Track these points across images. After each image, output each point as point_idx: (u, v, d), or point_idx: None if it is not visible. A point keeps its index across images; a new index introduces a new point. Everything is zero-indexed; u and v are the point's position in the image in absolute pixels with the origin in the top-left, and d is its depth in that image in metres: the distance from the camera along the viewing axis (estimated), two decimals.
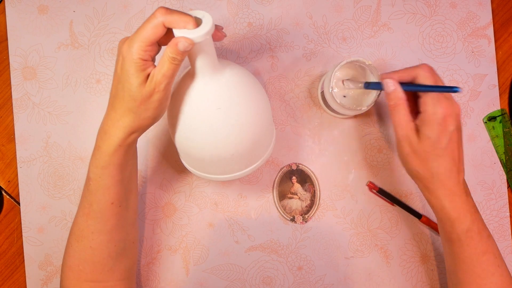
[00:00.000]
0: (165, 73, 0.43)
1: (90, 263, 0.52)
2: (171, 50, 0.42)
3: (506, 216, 0.65)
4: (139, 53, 0.42)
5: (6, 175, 0.65)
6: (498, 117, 0.65)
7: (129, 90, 0.44)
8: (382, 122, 0.65)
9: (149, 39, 0.42)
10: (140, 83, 0.43)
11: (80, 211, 0.52)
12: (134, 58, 0.42)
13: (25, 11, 0.65)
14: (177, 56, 0.42)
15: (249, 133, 0.50)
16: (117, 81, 0.45)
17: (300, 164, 0.64)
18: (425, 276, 0.64)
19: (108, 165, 0.48)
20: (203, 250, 0.64)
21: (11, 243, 0.64)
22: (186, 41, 0.41)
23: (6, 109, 0.65)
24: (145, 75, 0.43)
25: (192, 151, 0.51)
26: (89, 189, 0.50)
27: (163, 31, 0.42)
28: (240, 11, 0.66)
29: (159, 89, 0.44)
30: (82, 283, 0.52)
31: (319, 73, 0.65)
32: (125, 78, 0.44)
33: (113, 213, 0.51)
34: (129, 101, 0.45)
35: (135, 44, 0.42)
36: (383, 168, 0.65)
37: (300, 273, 0.64)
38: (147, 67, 0.43)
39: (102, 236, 0.51)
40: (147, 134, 0.65)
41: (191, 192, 0.64)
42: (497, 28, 0.67)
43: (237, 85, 0.49)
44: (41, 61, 0.65)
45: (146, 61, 0.43)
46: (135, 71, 0.43)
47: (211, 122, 0.47)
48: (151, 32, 0.42)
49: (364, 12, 0.66)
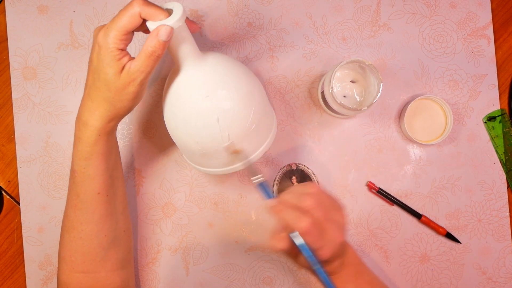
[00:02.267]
0: (142, 69, 0.44)
1: (81, 253, 0.52)
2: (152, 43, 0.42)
3: (506, 216, 0.65)
4: (115, 42, 0.42)
5: (6, 175, 0.65)
6: (498, 117, 0.65)
7: (104, 79, 0.44)
8: (382, 122, 0.65)
9: (125, 28, 0.42)
10: (115, 73, 0.44)
11: (68, 203, 0.52)
12: (110, 47, 0.43)
13: (25, 11, 0.65)
14: (157, 50, 0.43)
15: (243, 118, 0.48)
16: (93, 70, 0.45)
17: (300, 164, 0.64)
18: (425, 276, 0.64)
19: (91, 155, 0.48)
20: (203, 250, 0.64)
21: (11, 243, 0.64)
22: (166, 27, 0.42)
23: (6, 109, 0.65)
24: (121, 65, 0.44)
25: (189, 144, 0.50)
26: (75, 181, 0.50)
27: (139, 21, 0.43)
28: (240, 11, 0.66)
29: (135, 82, 0.44)
30: (74, 274, 0.52)
31: (319, 73, 0.65)
32: (101, 67, 0.44)
33: (101, 203, 0.51)
34: (104, 91, 0.45)
35: (111, 33, 0.42)
36: (383, 168, 0.65)
37: (300, 273, 0.64)
38: (122, 57, 0.44)
39: (91, 226, 0.51)
40: (147, 134, 0.65)
41: (191, 192, 0.64)
42: (497, 28, 0.67)
43: (223, 71, 0.49)
44: (41, 61, 0.65)
45: (121, 50, 0.43)
46: (111, 60, 0.43)
47: (201, 111, 0.47)
48: (127, 22, 0.42)
49: (364, 12, 0.66)
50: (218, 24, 0.65)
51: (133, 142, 0.65)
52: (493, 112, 0.65)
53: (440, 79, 0.65)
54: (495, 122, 0.65)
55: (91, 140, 0.47)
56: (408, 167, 0.65)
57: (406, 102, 0.65)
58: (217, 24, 0.65)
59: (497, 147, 0.65)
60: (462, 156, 0.65)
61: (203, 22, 0.66)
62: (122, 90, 0.45)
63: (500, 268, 0.65)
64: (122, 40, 0.43)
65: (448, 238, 0.64)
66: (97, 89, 0.45)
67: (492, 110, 0.65)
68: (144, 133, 0.65)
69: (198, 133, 0.48)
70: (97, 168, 0.49)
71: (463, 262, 0.64)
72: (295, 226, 0.42)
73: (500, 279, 0.64)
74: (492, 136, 0.65)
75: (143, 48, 0.43)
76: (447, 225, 0.64)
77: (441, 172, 0.65)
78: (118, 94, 0.45)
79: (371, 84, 0.59)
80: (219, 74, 0.48)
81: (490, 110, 0.66)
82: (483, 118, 0.65)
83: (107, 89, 0.45)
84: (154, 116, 0.65)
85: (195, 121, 0.48)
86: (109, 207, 0.52)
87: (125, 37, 0.43)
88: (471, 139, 0.65)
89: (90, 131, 0.47)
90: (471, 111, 0.66)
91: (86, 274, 0.52)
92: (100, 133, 0.47)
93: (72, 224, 0.51)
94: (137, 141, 0.65)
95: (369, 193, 0.65)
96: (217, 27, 0.65)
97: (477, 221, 0.65)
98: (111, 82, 0.44)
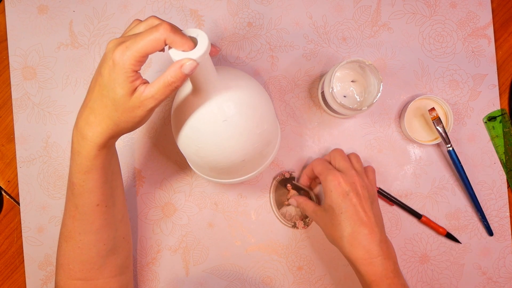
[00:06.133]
0: (156, 96, 0.42)
1: (79, 262, 0.51)
2: (174, 74, 0.40)
3: (506, 216, 0.65)
4: (132, 63, 0.40)
5: (6, 175, 0.65)
6: (498, 117, 0.65)
7: (113, 99, 0.42)
8: (382, 122, 0.65)
9: (146, 51, 0.40)
10: (125, 94, 0.41)
11: (67, 213, 0.51)
12: (125, 67, 0.40)
13: (24, 11, 0.65)
14: (177, 81, 0.41)
15: (257, 139, 0.50)
16: (101, 85, 0.43)
17: (292, 172, 0.64)
18: (425, 276, 0.64)
19: (91, 169, 0.46)
20: (203, 250, 0.64)
21: (11, 243, 0.64)
22: (191, 62, 0.39)
23: (6, 109, 0.65)
24: (133, 87, 0.41)
25: (201, 161, 0.51)
26: (73, 192, 0.49)
27: (161, 47, 0.40)
28: (240, 11, 0.66)
29: (145, 108, 0.42)
30: (72, 281, 0.52)
31: (319, 73, 0.65)
32: (112, 86, 0.41)
33: (100, 214, 0.50)
34: (111, 109, 0.43)
35: (129, 52, 0.40)
36: (383, 168, 0.65)
37: (300, 273, 0.64)
38: (135, 79, 0.41)
39: (90, 236, 0.50)
40: (148, 134, 0.65)
41: (191, 192, 0.64)
42: (497, 28, 0.67)
43: (241, 95, 0.49)
44: (41, 61, 0.65)
45: (136, 72, 0.41)
46: (124, 81, 0.41)
47: (218, 134, 0.48)
48: (150, 46, 0.39)
49: (364, 12, 0.66)
50: (218, 24, 0.65)
51: (133, 142, 0.65)
52: (493, 112, 0.65)
53: (440, 79, 0.65)
54: (495, 122, 0.65)
55: (91, 155, 0.46)
56: (408, 167, 0.65)
57: (406, 102, 0.65)
58: (217, 24, 0.65)
59: (497, 147, 0.65)
60: (462, 156, 0.65)
61: (203, 22, 0.66)
62: (130, 112, 0.43)
63: (500, 268, 0.65)
64: (140, 62, 0.40)
65: (448, 238, 0.64)
66: (103, 106, 0.43)
67: (492, 110, 0.65)
68: (144, 133, 0.65)
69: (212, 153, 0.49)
70: (97, 181, 0.48)
71: (463, 262, 0.64)
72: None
73: (500, 279, 0.64)
74: (492, 136, 0.65)
75: (163, 76, 0.41)
76: (447, 225, 0.64)
77: (441, 172, 0.65)
78: (124, 115, 0.43)
79: (371, 84, 0.59)
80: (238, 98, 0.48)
81: (490, 110, 0.65)
82: (483, 118, 0.65)
83: (114, 109, 0.43)
84: (154, 117, 0.65)
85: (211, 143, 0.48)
86: (108, 217, 0.51)
87: (143, 59, 0.40)
88: (471, 139, 0.65)
89: (89, 146, 0.45)
90: (471, 111, 0.66)
91: (84, 282, 0.52)
92: (100, 148, 0.46)
93: (70, 234, 0.51)
94: (137, 141, 0.65)
95: None
96: (217, 27, 0.65)
97: (477, 221, 0.65)
98: (120, 102, 0.42)
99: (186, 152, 0.52)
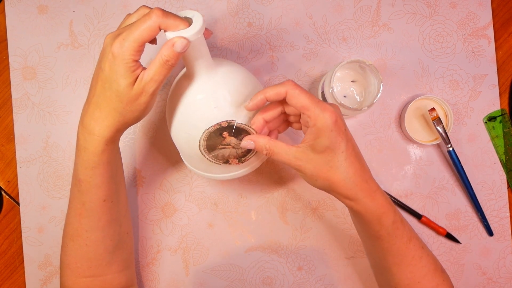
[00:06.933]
0: (155, 77, 0.43)
1: (87, 259, 0.52)
2: (167, 52, 0.41)
3: (506, 216, 0.65)
4: (132, 53, 0.41)
5: (6, 175, 0.65)
6: (498, 117, 0.65)
7: (117, 90, 0.43)
8: (382, 122, 0.65)
9: (142, 39, 0.41)
10: (128, 84, 0.43)
11: (72, 211, 0.51)
12: (125, 58, 0.41)
13: (24, 11, 0.65)
14: (171, 59, 0.42)
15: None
16: (103, 79, 0.44)
17: (232, 120, 0.49)
18: None
19: (98, 165, 0.47)
20: (203, 250, 0.64)
21: (10, 243, 0.64)
22: (182, 40, 0.41)
23: (5, 109, 0.65)
24: (135, 77, 0.43)
25: (192, 151, 0.51)
26: (80, 190, 0.49)
27: (157, 32, 0.42)
28: (240, 11, 0.66)
29: (147, 93, 0.43)
30: (80, 279, 0.52)
31: (319, 73, 0.65)
32: (114, 78, 0.43)
33: (106, 209, 0.50)
34: (115, 101, 0.44)
35: (127, 43, 0.41)
36: (383, 168, 0.65)
37: (300, 273, 0.64)
38: (136, 68, 0.43)
39: (97, 233, 0.51)
40: (148, 135, 0.65)
41: (191, 192, 0.64)
42: (497, 28, 0.67)
43: (233, 82, 0.49)
44: (41, 61, 0.65)
45: (136, 62, 0.42)
46: (125, 72, 0.42)
47: (209, 121, 0.48)
48: (146, 33, 0.41)
49: (364, 12, 0.66)
50: (218, 24, 0.65)
51: (133, 143, 0.65)
52: (493, 112, 0.65)
53: (440, 79, 0.65)
54: (495, 122, 0.65)
55: (98, 150, 0.46)
56: (408, 167, 0.65)
57: (406, 102, 0.65)
58: (217, 24, 0.65)
59: (497, 147, 0.65)
60: (462, 156, 0.65)
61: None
62: (134, 101, 0.44)
63: (500, 268, 0.65)
64: (138, 52, 0.42)
65: (448, 238, 0.64)
66: (107, 99, 0.44)
67: (492, 110, 0.65)
68: (144, 134, 0.65)
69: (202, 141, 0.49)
70: (103, 176, 0.48)
71: (463, 262, 0.64)
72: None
73: (500, 279, 0.64)
74: (493, 136, 0.65)
75: (157, 56, 0.42)
76: (447, 225, 0.64)
77: (441, 172, 0.65)
78: (129, 105, 0.44)
79: (371, 84, 0.59)
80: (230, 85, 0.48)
81: (491, 110, 0.65)
82: (484, 118, 0.65)
83: (119, 100, 0.44)
84: (155, 117, 0.65)
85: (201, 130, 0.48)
86: (113, 213, 0.52)
87: (141, 48, 0.42)
88: (472, 139, 0.65)
89: (97, 141, 0.46)
90: (472, 111, 0.66)
91: (93, 278, 0.52)
92: (107, 143, 0.46)
93: (77, 232, 0.51)
94: (138, 142, 0.65)
95: None
96: (217, 27, 0.65)
97: (477, 221, 0.65)
98: (124, 93, 0.43)
99: (178, 141, 0.52)
